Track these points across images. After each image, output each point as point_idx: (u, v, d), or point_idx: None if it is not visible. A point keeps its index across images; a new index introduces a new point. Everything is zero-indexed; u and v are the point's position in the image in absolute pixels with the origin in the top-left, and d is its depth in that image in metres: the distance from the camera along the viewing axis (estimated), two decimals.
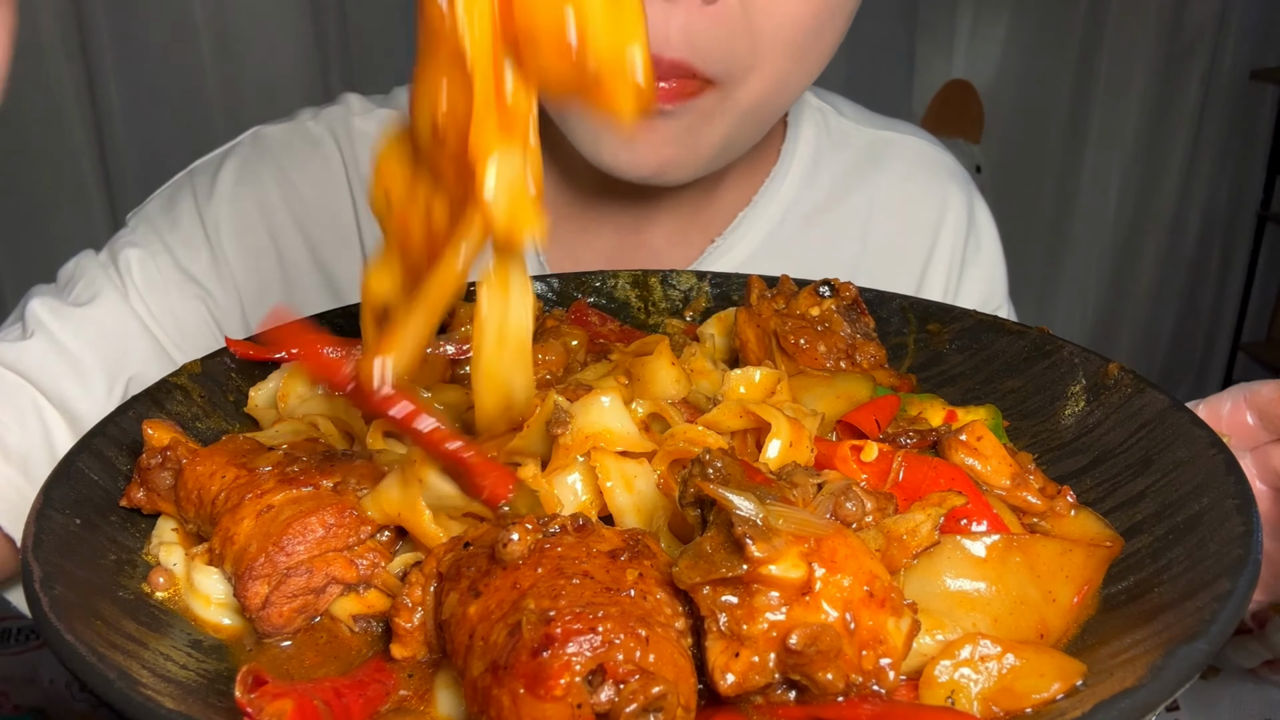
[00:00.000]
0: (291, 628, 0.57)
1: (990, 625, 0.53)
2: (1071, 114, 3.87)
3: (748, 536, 0.46)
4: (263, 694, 0.46)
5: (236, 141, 1.17)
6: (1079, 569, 0.56)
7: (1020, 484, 0.63)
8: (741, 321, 0.83)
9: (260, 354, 0.80)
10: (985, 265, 1.26)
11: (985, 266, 1.26)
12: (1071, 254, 4.06)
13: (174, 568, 0.61)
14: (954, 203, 1.25)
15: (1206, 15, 3.78)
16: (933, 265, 1.23)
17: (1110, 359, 0.76)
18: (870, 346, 0.81)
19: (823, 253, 1.18)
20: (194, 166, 1.17)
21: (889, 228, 1.23)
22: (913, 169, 1.25)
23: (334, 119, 1.17)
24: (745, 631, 0.45)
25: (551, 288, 0.98)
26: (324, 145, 1.15)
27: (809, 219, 1.20)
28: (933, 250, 1.23)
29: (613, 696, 0.43)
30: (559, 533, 0.50)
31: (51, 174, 2.75)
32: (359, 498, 0.59)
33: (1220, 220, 4.15)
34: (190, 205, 1.10)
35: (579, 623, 0.44)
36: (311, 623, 0.58)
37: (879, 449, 0.61)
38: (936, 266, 1.23)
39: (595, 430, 0.61)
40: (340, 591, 0.57)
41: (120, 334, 1.01)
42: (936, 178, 1.26)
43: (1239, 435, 0.72)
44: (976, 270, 1.25)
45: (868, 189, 1.23)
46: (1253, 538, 0.54)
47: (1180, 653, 0.46)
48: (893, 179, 1.24)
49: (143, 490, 0.63)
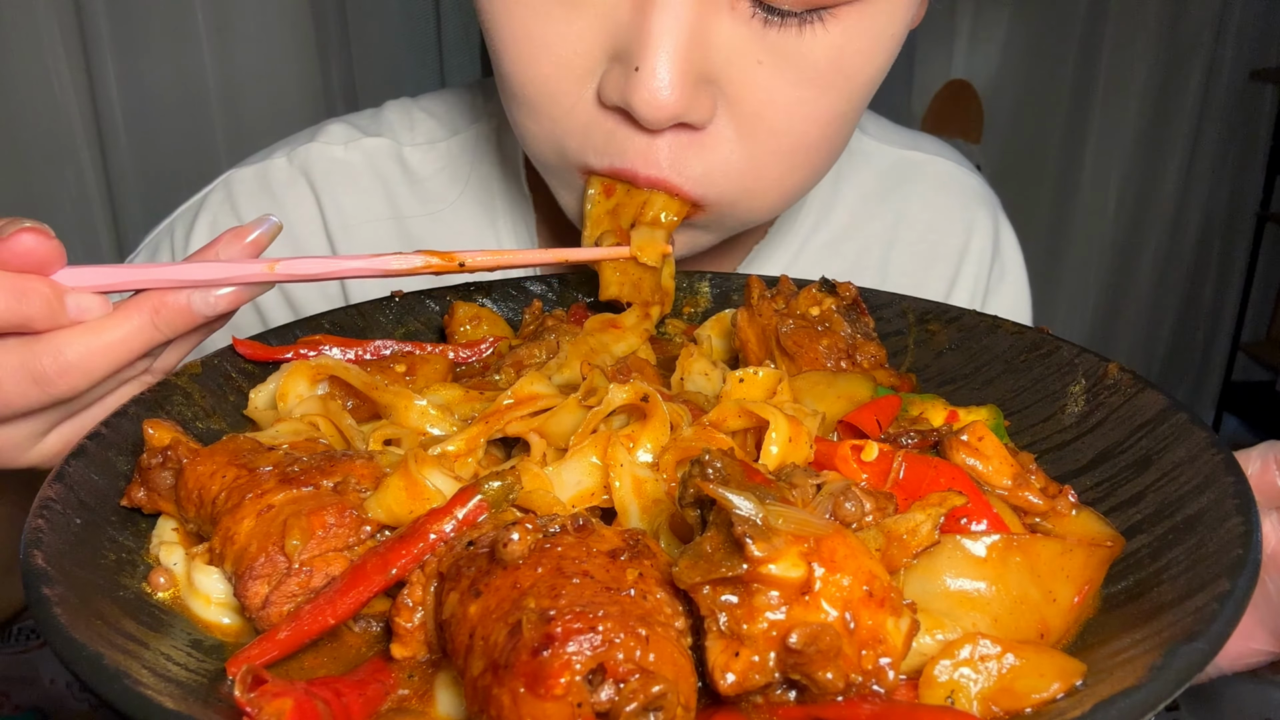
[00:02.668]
0: None
1: (990, 625, 0.53)
2: (1071, 114, 3.87)
3: (747, 536, 0.46)
4: (262, 693, 0.46)
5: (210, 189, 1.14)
6: (1080, 569, 0.56)
7: (1022, 484, 0.63)
8: (742, 322, 0.83)
9: (267, 354, 0.80)
10: (1009, 295, 1.22)
11: (1009, 295, 1.22)
12: (1071, 254, 4.06)
13: (174, 567, 0.61)
14: (979, 229, 1.20)
15: (1206, 15, 3.78)
16: (955, 294, 1.19)
17: (1110, 359, 0.76)
18: (870, 346, 0.81)
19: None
20: (173, 217, 1.15)
21: (911, 255, 1.18)
22: (938, 193, 1.20)
23: (309, 155, 1.13)
24: (745, 631, 0.45)
25: (551, 288, 0.98)
26: (295, 187, 1.12)
27: (827, 248, 1.15)
28: (956, 278, 1.19)
29: (613, 695, 0.43)
30: (559, 532, 0.50)
31: (51, 174, 2.75)
32: (361, 498, 0.59)
33: (1220, 220, 4.15)
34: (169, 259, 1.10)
35: (579, 622, 0.44)
36: None
37: (879, 449, 0.61)
38: (959, 296, 1.19)
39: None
40: None
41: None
42: (962, 202, 1.21)
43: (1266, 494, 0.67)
44: (1000, 300, 1.21)
45: (889, 215, 1.18)
46: (1252, 538, 0.54)
47: (1180, 653, 0.46)
48: (916, 203, 1.19)
49: (143, 490, 0.63)
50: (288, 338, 0.83)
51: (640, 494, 0.60)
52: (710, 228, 0.91)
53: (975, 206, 1.21)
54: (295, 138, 1.16)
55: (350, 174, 1.12)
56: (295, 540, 0.56)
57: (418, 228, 1.12)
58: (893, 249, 1.18)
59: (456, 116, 1.16)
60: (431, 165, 1.13)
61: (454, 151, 1.14)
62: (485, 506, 0.55)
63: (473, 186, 1.13)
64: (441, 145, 1.14)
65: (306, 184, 1.12)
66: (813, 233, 1.15)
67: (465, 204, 1.13)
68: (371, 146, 1.14)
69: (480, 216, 1.12)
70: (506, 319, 0.93)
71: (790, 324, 0.81)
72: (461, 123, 1.16)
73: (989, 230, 1.21)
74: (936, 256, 1.19)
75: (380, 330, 0.89)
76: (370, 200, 1.12)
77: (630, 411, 0.67)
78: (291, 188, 1.12)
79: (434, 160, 1.14)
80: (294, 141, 1.15)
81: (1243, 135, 4.03)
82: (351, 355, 0.82)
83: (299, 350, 0.81)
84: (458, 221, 1.12)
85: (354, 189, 1.12)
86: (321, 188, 1.12)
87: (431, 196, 1.12)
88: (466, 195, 1.13)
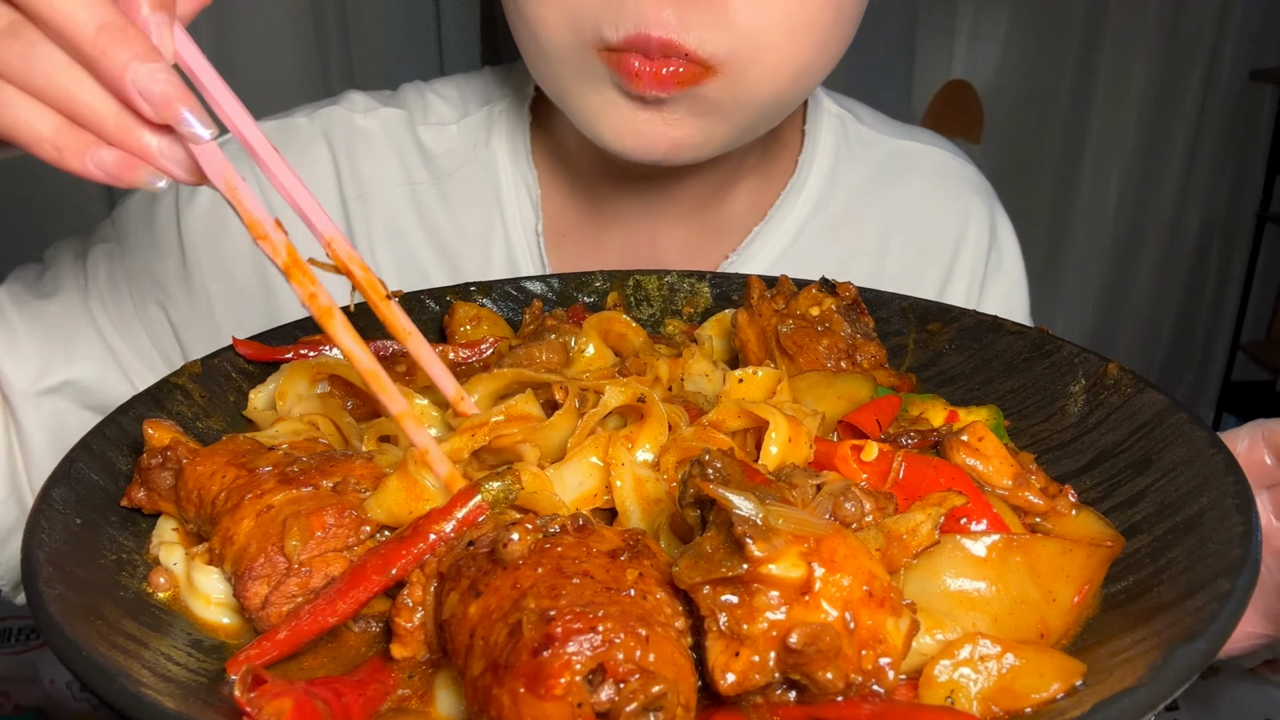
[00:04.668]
0: None
1: (990, 625, 0.53)
2: (1071, 114, 3.87)
3: (747, 536, 0.46)
4: (262, 693, 0.46)
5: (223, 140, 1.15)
6: (1080, 569, 0.56)
7: (1022, 484, 0.63)
8: (742, 322, 0.83)
9: (267, 354, 0.80)
10: (1006, 283, 1.23)
11: (1006, 284, 1.23)
12: (1071, 254, 4.06)
13: (174, 567, 0.61)
14: (976, 217, 1.21)
15: (1206, 15, 3.78)
16: (952, 282, 1.20)
17: (1110, 359, 0.76)
18: (870, 346, 0.81)
19: (839, 268, 1.13)
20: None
21: (908, 243, 1.19)
22: (934, 182, 1.22)
23: (331, 119, 1.15)
24: (745, 631, 0.45)
25: (551, 288, 0.98)
26: (314, 145, 1.13)
27: (825, 233, 1.16)
28: (953, 267, 1.20)
29: (613, 696, 0.43)
30: (559, 532, 0.50)
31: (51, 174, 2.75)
32: (361, 498, 0.59)
33: (1220, 220, 4.15)
34: (170, 205, 1.09)
35: (579, 622, 0.44)
36: None
37: (880, 449, 0.61)
38: (956, 284, 1.20)
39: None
40: None
41: (67, 333, 1.02)
42: (959, 191, 1.22)
43: (1255, 473, 0.69)
44: (997, 288, 1.22)
45: (887, 203, 1.19)
46: (1252, 538, 0.54)
47: (1180, 653, 0.46)
48: (913, 192, 1.20)
49: (143, 490, 0.63)
50: (288, 338, 0.83)
51: (641, 494, 0.60)
52: (723, 107, 0.92)
53: (971, 196, 1.22)
54: (315, 104, 1.18)
55: (368, 140, 1.14)
56: (295, 541, 0.56)
57: (427, 196, 1.14)
58: (890, 237, 1.19)
59: (468, 99, 1.19)
60: (443, 144, 1.16)
61: (464, 133, 1.16)
62: (485, 507, 0.55)
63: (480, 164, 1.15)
64: (453, 127, 1.17)
65: (325, 144, 1.14)
66: (811, 217, 1.16)
67: (472, 181, 1.14)
68: (389, 116, 1.16)
69: (486, 194, 1.14)
70: (506, 319, 0.93)
71: (790, 324, 0.81)
72: (472, 106, 1.18)
73: (985, 220, 1.22)
74: (933, 245, 1.20)
75: (380, 330, 0.89)
76: (385, 168, 1.14)
77: (627, 413, 0.67)
78: (310, 145, 1.14)
79: (445, 140, 1.16)
80: (314, 105, 1.17)
81: (1243, 135, 4.03)
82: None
83: (299, 350, 0.81)
84: (462, 198, 1.14)
85: (370, 155, 1.14)
86: (339, 150, 1.13)
87: (441, 173, 1.15)
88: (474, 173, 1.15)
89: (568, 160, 1.12)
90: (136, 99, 0.55)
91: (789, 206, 1.15)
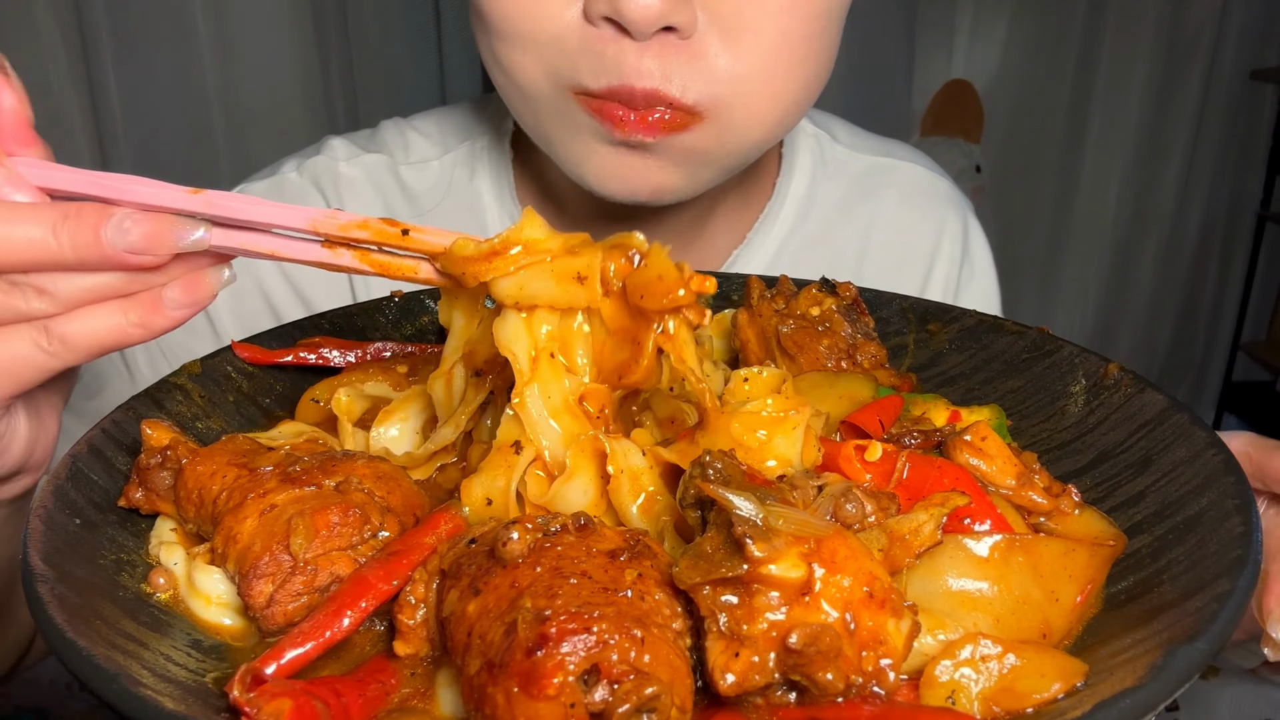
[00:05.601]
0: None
1: (992, 625, 0.53)
2: (1071, 114, 3.87)
3: (748, 536, 0.46)
4: (261, 693, 0.46)
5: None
6: (1082, 568, 0.56)
7: (1025, 483, 0.63)
8: (742, 322, 0.83)
9: (266, 357, 0.80)
10: (978, 292, 1.28)
11: (978, 293, 1.28)
12: (1071, 254, 4.06)
13: (174, 567, 0.60)
14: (949, 230, 1.26)
15: (1206, 15, 3.78)
16: (927, 294, 1.24)
17: (1110, 359, 0.76)
18: (870, 346, 0.81)
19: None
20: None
21: (884, 256, 1.23)
22: (909, 196, 1.25)
23: (319, 169, 1.17)
24: (745, 631, 0.45)
25: None
26: (309, 197, 1.16)
27: (803, 251, 1.20)
28: (927, 279, 1.25)
29: (606, 696, 0.43)
30: (560, 531, 0.50)
31: None
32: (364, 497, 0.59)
33: (1220, 220, 4.15)
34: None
35: (574, 622, 0.44)
36: None
37: (884, 449, 0.61)
38: (930, 295, 1.23)
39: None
40: None
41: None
42: (932, 205, 1.26)
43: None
44: (970, 297, 1.27)
45: (862, 218, 1.23)
46: (1252, 538, 0.54)
47: (1180, 653, 0.46)
48: (888, 206, 1.24)
49: (141, 490, 0.63)
50: (287, 340, 0.83)
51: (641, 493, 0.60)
52: (711, 153, 0.92)
53: (945, 209, 1.27)
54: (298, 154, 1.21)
55: (353, 187, 1.17)
56: (300, 539, 0.56)
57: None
58: (866, 252, 1.23)
59: (448, 135, 1.21)
60: (426, 182, 1.19)
61: (446, 168, 1.19)
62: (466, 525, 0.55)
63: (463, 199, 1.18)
64: (434, 164, 1.19)
65: (319, 194, 1.17)
66: (789, 237, 1.19)
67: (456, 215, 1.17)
68: (370, 162, 1.19)
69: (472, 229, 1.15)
70: None
71: (790, 324, 0.81)
72: (453, 140, 1.21)
73: (959, 232, 1.26)
74: (908, 258, 1.24)
75: (380, 330, 0.89)
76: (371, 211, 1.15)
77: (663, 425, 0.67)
78: (305, 198, 1.16)
79: (428, 177, 1.19)
80: (299, 157, 1.20)
81: (1243, 135, 4.03)
82: (352, 357, 0.82)
83: (298, 353, 0.81)
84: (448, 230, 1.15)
85: (357, 201, 1.17)
86: (331, 199, 1.16)
87: (424, 209, 1.17)
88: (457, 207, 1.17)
89: (551, 194, 1.14)
90: (130, 259, 0.58)
91: (767, 230, 1.19)
